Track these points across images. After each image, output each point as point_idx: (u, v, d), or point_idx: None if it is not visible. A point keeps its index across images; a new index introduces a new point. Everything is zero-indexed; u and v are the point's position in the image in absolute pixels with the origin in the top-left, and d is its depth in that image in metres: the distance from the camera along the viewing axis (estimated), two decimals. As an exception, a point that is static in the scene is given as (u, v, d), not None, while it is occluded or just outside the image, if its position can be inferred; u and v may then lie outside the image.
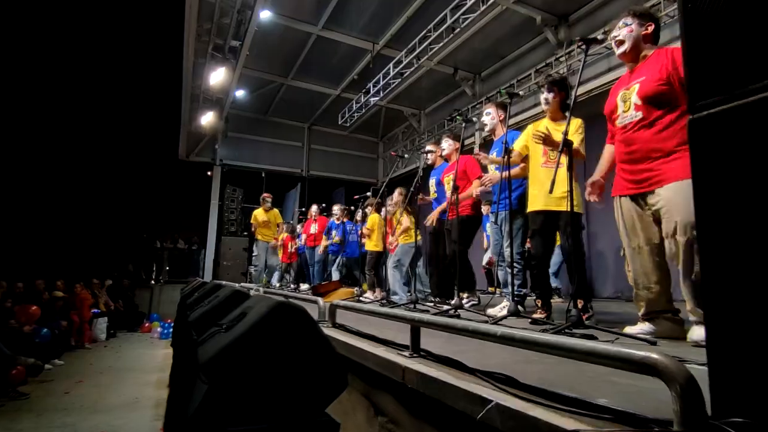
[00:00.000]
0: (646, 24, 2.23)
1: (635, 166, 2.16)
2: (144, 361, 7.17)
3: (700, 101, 0.83)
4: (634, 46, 2.24)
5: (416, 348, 1.58)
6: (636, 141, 2.14)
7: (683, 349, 1.82)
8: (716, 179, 0.81)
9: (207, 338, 1.88)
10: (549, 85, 3.00)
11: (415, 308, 3.68)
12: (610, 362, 0.87)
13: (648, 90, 2.09)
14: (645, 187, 2.12)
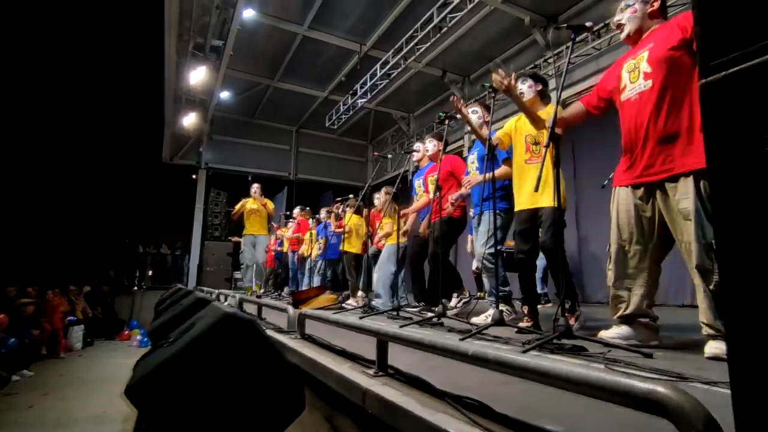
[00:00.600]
0: (651, 0, 2.05)
1: (644, 149, 1.92)
2: (118, 371, 6.85)
3: (714, 60, 0.65)
4: (639, 27, 2.06)
5: (383, 365, 1.39)
6: (644, 117, 1.91)
7: (684, 363, 1.64)
8: (735, 156, 0.63)
9: (152, 352, 1.68)
10: (525, 77, 2.88)
11: (398, 315, 3.49)
12: (603, 395, 0.69)
13: (659, 54, 1.88)
14: (655, 174, 1.89)
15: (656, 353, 1.79)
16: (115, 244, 13.08)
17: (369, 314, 3.61)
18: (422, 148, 4.52)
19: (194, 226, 11.79)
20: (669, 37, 1.89)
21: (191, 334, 1.39)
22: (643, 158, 1.93)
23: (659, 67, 1.88)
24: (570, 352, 1.83)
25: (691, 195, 1.79)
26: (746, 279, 0.61)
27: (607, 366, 1.54)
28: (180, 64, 8.55)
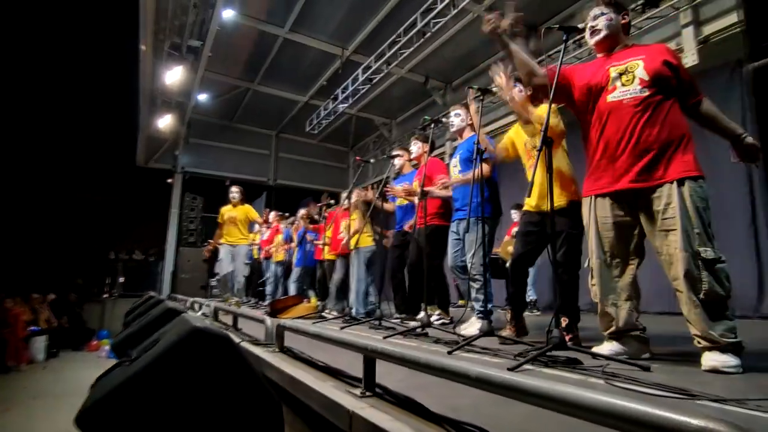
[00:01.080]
0: (623, 13, 2.10)
1: (629, 154, 1.88)
2: (86, 383, 6.49)
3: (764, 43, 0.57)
4: (614, 35, 2.06)
5: (370, 384, 1.26)
6: (637, 123, 1.87)
7: (683, 376, 1.57)
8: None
9: (109, 371, 1.51)
10: (515, 81, 2.80)
11: (381, 326, 3.36)
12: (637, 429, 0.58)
13: (656, 68, 1.89)
14: (643, 181, 1.85)
15: (653, 366, 1.72)
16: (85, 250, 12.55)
17: (350, 324, 3.48)
18: (404, 154, 4.45)
19: (169, 231, 11.41)
20: (661, 56, 1.93)
21: (155, 351, 1.24)
22: (629, 165, 1.89)
23: (657, 78, 1.88)
24: (564, 365, 1.74)
25: (676, 204, 1.77)
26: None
27: (607, 381, 1.46)
28: (156, 65, 8.28)
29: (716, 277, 1.70)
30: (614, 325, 1.95)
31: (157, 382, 1.09)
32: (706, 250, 1.70)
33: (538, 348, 1.88)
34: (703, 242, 1.72)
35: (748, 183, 4.88)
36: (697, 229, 1.73)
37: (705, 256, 1.70)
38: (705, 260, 1.69)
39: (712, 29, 5.41)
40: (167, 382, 1.10)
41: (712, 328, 1.68)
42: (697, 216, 1.74)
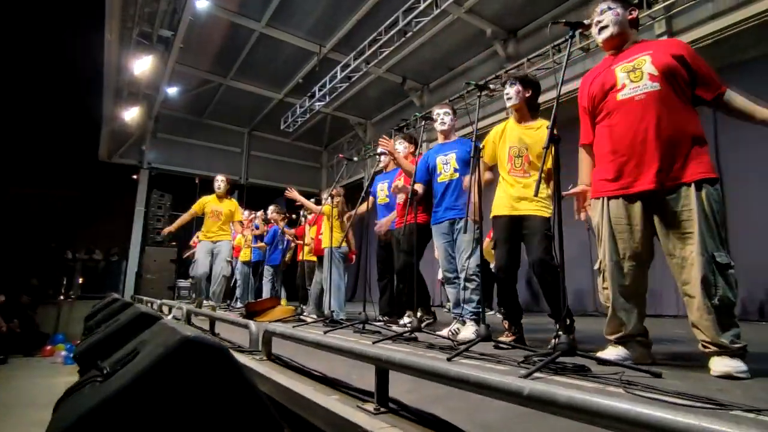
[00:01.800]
0: (630, 8, 2.03)
1: (644, 153, 1.80)
2: (38, 393, 6.04)
3: None
4: (622, 31, 2.00)
5: (383, 399, 1.14)
6: (651, 118, 1.79)
7: (697, 382, 1.52)
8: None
9: (79, 387, 1.32)
10: (513, 79, 2.72)
11: (365, 329, 3.23)
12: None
13: (665, 61, 1.82)
14: (664, 180, 1.77)
15: (664, 372, 1.67)
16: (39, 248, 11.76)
17: (333, 328, 3.34)
18: (389, 152, 4.34)
19: (134, 229, 10.90)
20: (669, 50, 1.87)
21: (136, 365, 1.07)
22: (644, 165, 1.81)
23: (666, 71, 1.82)
24: (574, 372, 1.67)
25: (694, 207, 1.72)
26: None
27: (627, 390, 1.39)
28: (122, 53, 7.85)
29: (728, 283, 1.67)
30: (623, 330, 1.89)
31: (141, 404, 0.93)
32: (720, 255, 1.67)
33: (544, 354, 1.80)
34: (717, 246, 1.69)
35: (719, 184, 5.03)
36: (713, 233, 1.70)
37: (720, 261, 1.67)
38: (719, 265, 1.66)
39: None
40: (154, 404, 0.94)
41: (721, 336, 1.65)
42: (713, 220, 1.70)
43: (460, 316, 3.01)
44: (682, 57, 1.83)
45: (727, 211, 4.97)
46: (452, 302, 3.14)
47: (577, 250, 5.61)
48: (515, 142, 2.67)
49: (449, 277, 3.10)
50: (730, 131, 5.04)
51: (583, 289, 6.15)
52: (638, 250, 1.89)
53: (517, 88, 2.68)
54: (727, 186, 5.06)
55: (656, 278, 4.79)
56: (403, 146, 3.91)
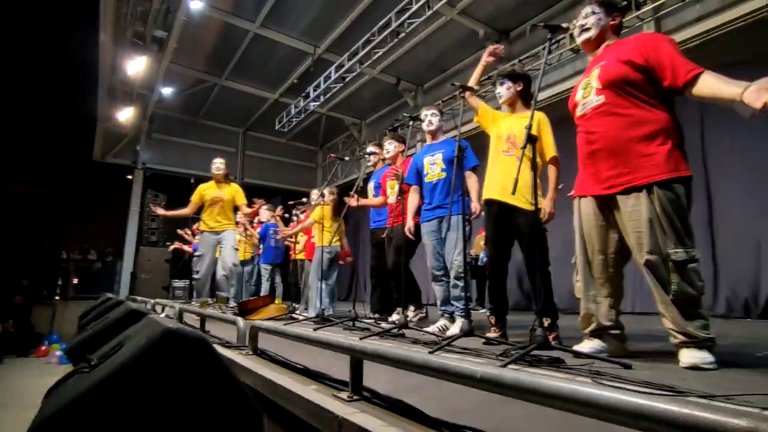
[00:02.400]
0: (614, 14, 2.09)
1: (603, 161, 1.93)
2: (31, 393, 6.05)
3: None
4: (601, 35, 2.07)
5: (357, 387, 1.19)
6: (598, 131, 1.92)
7: (664, 373, 1.59)
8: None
9: (67, 378, 1.37)
10: (502, 78, 2.79)
11: (355, 326, 3.29)
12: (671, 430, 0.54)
13: (611, 74, 1.90)
14: (612, 188, 1.90)
15: (634, 363, 1.74)
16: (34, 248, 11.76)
17: (324, 325, 3.39)
18: (379, 151, 4.40)
19: (128, 230, 10.89)
20: (625, 54, 1.91)
21: (121, 356, 1.12)
22: (598, 171, 1.95)
23: (610, 83, 1.90)
24: (549, 364, 1.73)
25: (644, 208, 1.80)
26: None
27: (594, 380, 1.45)
28: (116, 53, 7.86)
29: (687, 278, 1.72)
30: (594, 322, 1.97)
31: (124, 391, 0.98)
32: (676, 252, 1.73)
33: (521, 347, 1.86)
34: (674, 243, 1.74)
35: (705, 184, 5.12)
36: (666, 231, 1.75)
37: (675, 258, 1.73)
38: (675, 262, 1.72)
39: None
40: (137, 391, 0.99)
41: (687, 324, 1.71)
42: (666, 218, 1.75)
43: (447, 313, 3.07)
44: (631, 61, 1.86)
45: (713, 208, 5.08)
46: (439, 300, 3.20)
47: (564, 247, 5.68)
48: (511, 130, 2.70)
49: (437, 274, 3.16)
50: (717, 127, 5.12)
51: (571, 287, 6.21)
52: (606, 246, 1.99)
53: (507, 85, 2.76)
54: (713, 184, 5.16)
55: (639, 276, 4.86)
56: (393, 146, 3.97)
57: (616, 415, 0.58)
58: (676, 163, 1.79)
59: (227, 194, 5.09)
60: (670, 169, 1.77)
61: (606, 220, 1.97)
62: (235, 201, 5.12)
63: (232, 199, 5.11)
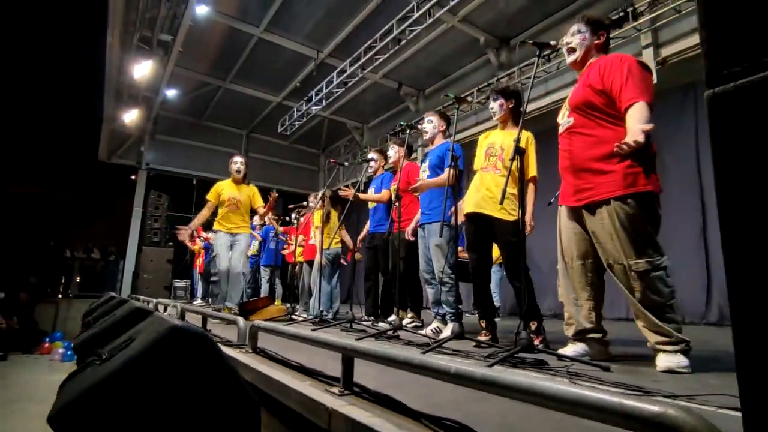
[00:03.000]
0: (599, 33, 2.18)
1: (570, 176, 2.09)
2: (37, 389, 6.18)
3: (724, 70, 0.64)
4: (585, 54, 2.18)
5: (348, 383, 1.29)
6: (569, 148, 2.08)
7: (640, 376, 1.68)
8: (744, 173, 0.61)
9: (80, 371, 1.47)
10: (495, 94, 2.90)
11: (352, 328, 3.39)
12: (606, 417, 0.64)
13: (577, 97, 2.06)
14: (580, 200, 2.04)
15: (612, 366, 1.83)
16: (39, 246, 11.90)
17: (321, 326, 3.49)
18: (380, 157, 4.50)
19: (131, 229, 11.02)
20: (590, 78, 2.04)
21: (132, 349, 1.22)
22: (570, 186, 2.09)
23: (576, 106, 2.05)
24: (532, 366, 1.82)
25: (606, 221, 1.92)
26: (756, 300, 0.58)
27: (572, 380, 1.54)
28: (123, 56, 8.01)
29: (650, 286, 1.82)
30: (575, 325, 2.07)
31: (135, 381, 1.08)
32: (637, 263, 1.83)
33: (507, 350, 1.96)
34: (632, 255, 1.84)
35: (699, 193, 5.20)
36: (624, 243, 1.86)
37: (636, 269, 1.83)
38: (636, 272, 1.83)
39: (669, 51, 5.74)
40: (145, 381, 1.09)
41: (659, 323, 1.81)
42: (623, 231, 1.86)
43: (439, 315, 3.17)
44: (592, 86, 2.00)
45: (706, 218, 5.15)
46: (431, 301, 3.31)
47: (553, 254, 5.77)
48: (494, 143, 2.84)
49: (426, 277, 3.28)
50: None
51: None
52: (583, 253, 2.10)
53: (500, 102, 2.87)
54: (707, 193, 5.23)
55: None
56: (394, 151, 4.08)
57: (560, 404, 0.68)
58: (634, 179, 1.87)
59: (245, 196, 4.87)
60: (626, 185, 1.87)
61: (581, 229, 2.10)
62: (252, 203, 4.90)
63: (249, 202, 4.88)
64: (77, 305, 10.50)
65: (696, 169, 5.29)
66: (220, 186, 4.86)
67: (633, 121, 1.82)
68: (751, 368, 0.57)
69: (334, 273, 4.73)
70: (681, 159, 5.36)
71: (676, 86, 5.59)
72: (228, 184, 4.87)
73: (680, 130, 5.58)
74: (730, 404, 1.14)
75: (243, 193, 4.85)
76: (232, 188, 4.83)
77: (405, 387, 1.39)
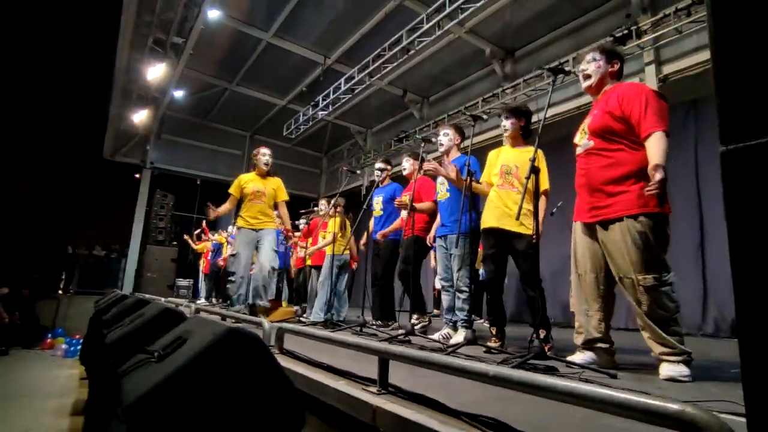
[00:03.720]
0: (613, 61, 2.33)
1: (587, 194, 2.22)
2: (42, 383, 6.25)
3: (735, 131, 0.77)
4: (600, 81, 2.32)
5: (384, 383, 1.42)
6: (587, 169, 2.21)
7: (645, 383, 1.81)
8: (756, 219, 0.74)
9: (133, 368, 1.59)
10: (507, 113, 3.04)
11: (362, 332, 3.50)
12: (634, 415, 0.77)
13: (597, 123, 2.19)
14: (595, 216, 2.17)
15: (620, 374, 1.96)
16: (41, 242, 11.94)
17: (333, 330, 3.60)
18: (388, 168, 4.63)
19: (134, 228, 11.10)
20: (609, 106, 2.18)
21: (189, 349, 1.34)
22: (585, 203, 2.23)
23: (596, 131, 2.19)
24: (544, 372, 1.95)
25: (617, 238, 2.06)
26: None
27: (584, 386, 1.67)
28: (134, 58, 8.13)
29: (657, 300, 1.96)
30: (584, 334, 2.20)
31: (200, 378, 1.20)
32: (645, 278, 1.97)
33: (520, 356, 2.09)
34: (641, 270, 1.98)
35: (698, 208, 5.37)
36: (634, 259, 2.00)
37: (643, 284, 1.97)
38: (644, 286, 1.97)
39: (671, 69, 5.93)
40: (209, 379, 1.21)
41: (663, 334, 1.95)
42: (634, 248, 2.00)
43: (450, 322, 3.30)
44: (612, 113, 2.14)
45: (704, 232, 5.31)
46: (445, 308, 3.44)
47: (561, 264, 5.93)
48: (508, 161, 2.99)
49: (444, 285, 3.41)
50: (710, 154, 5.38)
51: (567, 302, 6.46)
52: (596, 267, 2.23)
53: (512, 120, 3.02)
54: (705, 209, 5.40)
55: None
56: (409, 163, 4.21)
57: (594, 404, 0.81)
58: (647, 200, 2.01)
59: (270, 188, 4.68)
60: (640, 205, 2.02)
61: (595, 244, 2.23)
62: (276, 197, 4.72)
63: (274, 195, 4.70)
64: (78, 302, 10.57)
65: (695, 185, 5.45)
66: (243, 179, 4.69)
67: (653, 151, 1.98)
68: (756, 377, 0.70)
69: (343, 278, 4.84)
70: (681, 174, 5.52)
71: (677, 103, 5.75)
72: (252, 176, 4.72)
73: (680, 146, 5.75)
74: (730, 410, 1.27)
75: (268, 185, 4.71)
76: (257, 180, 4.67)
77: (432, 389, 1.52)
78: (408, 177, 4.20)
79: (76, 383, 6.24)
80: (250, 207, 4.55)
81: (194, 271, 9.85)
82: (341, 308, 4.69)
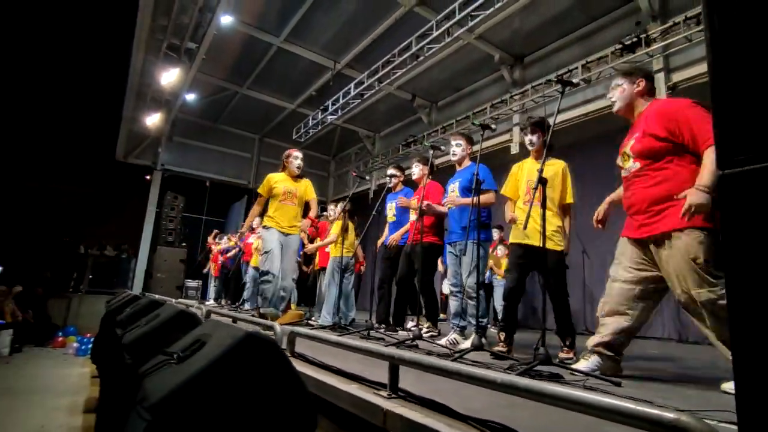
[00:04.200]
0: (637, 80, 2.33)
1: (633, 214, 2.24)
2: (54, 381, 6.37)
3: (732, 156, 0.82)
4: (628, 105, 2.35)
5: (394, 388, 1.47)
6: (633, 190, 2.24)
7: (649, 391, 1.85)
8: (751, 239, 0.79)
9: (154, 368, 1.66)
10: (532, 127, 3.08)
11: (369, 336, 3.56)
12: (633, 422, 0.82)
13: (640, 146, 2.20)
14: (644, 233, 2.17)
15: (624, 382, 2.00)
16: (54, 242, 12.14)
17: (341, 333, 3.66)
18: (400, 174, 4.69)
19: (144, 229, 11.26)
20: (650, 127, 2.18)
21: (209, 352, 1.41)
22: (635, 220, 2.23)
23: (641, 153, 2.20)
24: (549, 379, 1.99)
25: (668, 252, 2.06)
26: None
27: (588, 393, 1.71)
28: (149, 62, 8.29)
29: (718, 315, 1.90)
30: (599, 337, 2.24)
31: (220, 380, 1.27)
32: (699, 293, 1.94)
33: (526, 363, 2.13)
34: (696, 285, 1.95)
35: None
36: (687, 274, 1.98)
37: (699, 299, 1.94)
38: (701, 302, 1.94)
39: (680, 77, 5.94)
40: (228, 380, 1.28)
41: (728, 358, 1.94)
42: (686, 263, 1.98)
43: (458, 327, 3.35)
44: (655, 134, 2.13)
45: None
46: (453, 312, 3.49)
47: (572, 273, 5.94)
48: (533, 176, 3.02)
49: (453, 290, 3.47)
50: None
51: (576, 309, 6.48)
52: (629, 279, 2.24)
53: (537, 134, 3.06)
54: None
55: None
56: (419, 168, 4.27)
57: (597, 411, 0.86)
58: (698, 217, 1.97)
59: (301, 189, 4.55)
60: (687, 220, 1.96)
61: (641, 259, 2.23)
62: (306, 195, 4.61)
63: (303, 198, 4.58)
64: (89, 301, 10.73)
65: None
66: (273, 178, 4.53)
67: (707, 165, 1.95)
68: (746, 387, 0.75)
69: (349, 280, 4.88)
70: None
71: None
72: (282, 176, 4.55)
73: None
74: (728, 419, 1.31)
75: (300, 187, 4.57)
76: (288, 181, 4.51)
77: (440, 394, 1.57)
78: (417, 181, 4.26)
79: (87, 381, 6.35)
80: (280, 208, 4.41)
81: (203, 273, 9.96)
82: (348, 312, 4.75)
